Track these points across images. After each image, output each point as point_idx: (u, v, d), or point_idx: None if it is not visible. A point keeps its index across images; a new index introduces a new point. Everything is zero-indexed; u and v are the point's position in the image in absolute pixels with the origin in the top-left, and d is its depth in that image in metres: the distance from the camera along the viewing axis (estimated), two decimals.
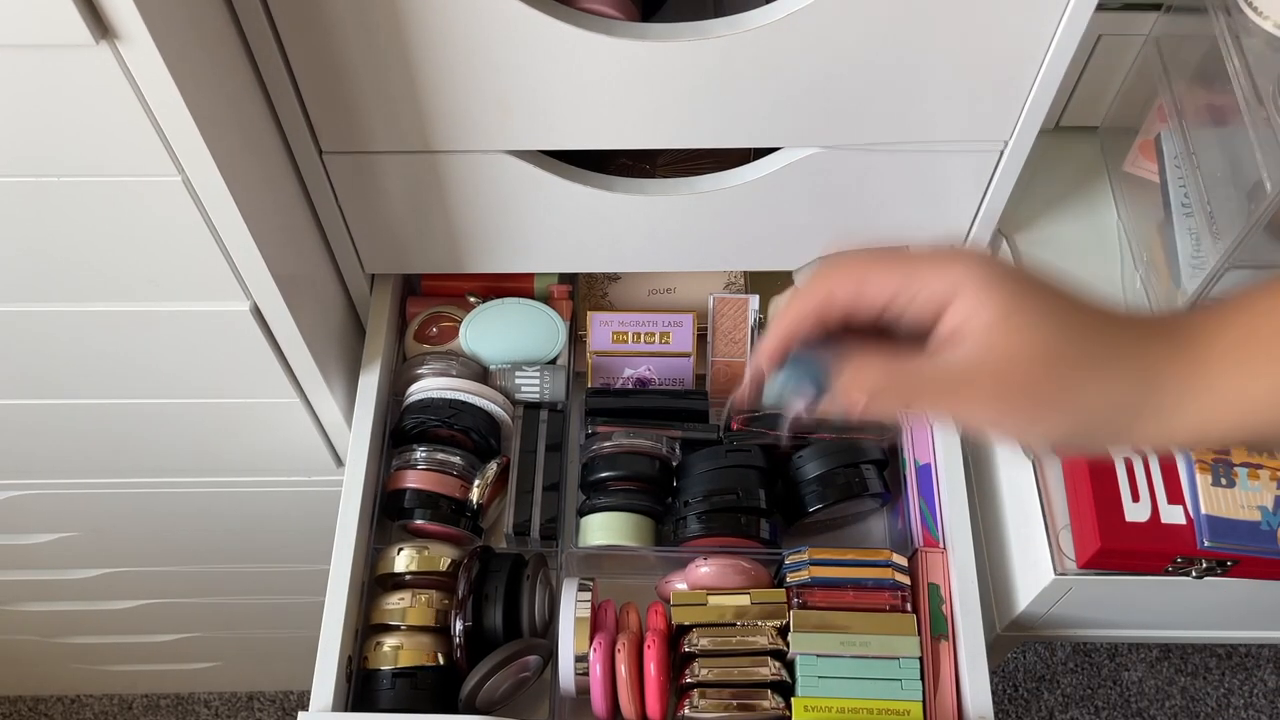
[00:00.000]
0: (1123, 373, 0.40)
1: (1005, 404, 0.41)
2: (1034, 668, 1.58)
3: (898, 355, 0.42)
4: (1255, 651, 1.58)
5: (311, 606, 0.74)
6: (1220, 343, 0.40)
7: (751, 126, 0.68)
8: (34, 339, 0.72)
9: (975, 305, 0.40)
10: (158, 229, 0.61)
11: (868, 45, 0.63)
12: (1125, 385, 0.40)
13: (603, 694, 0.71)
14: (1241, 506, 0.73)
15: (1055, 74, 0.65)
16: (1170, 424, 0.41)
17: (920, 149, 0.71)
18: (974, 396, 0.41)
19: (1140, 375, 0.40)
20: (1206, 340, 0.41)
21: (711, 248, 0.80)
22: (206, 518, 1.01)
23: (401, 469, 0.79)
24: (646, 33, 0.62)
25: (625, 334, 0.86)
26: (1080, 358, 0.40)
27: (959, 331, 0.41)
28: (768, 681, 0.72)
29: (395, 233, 0.77)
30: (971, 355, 0.41)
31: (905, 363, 0.42)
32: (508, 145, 0.69)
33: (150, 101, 0.52)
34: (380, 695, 0.72)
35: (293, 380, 0.77)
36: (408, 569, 0.75)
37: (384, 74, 0.63)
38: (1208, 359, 0.40)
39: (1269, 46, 0.71)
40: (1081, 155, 0.93)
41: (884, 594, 0.74)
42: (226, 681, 1.55)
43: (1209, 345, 0.40)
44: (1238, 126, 0.71)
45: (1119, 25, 0.84)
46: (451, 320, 0.87)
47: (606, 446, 0.80)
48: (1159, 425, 0.41)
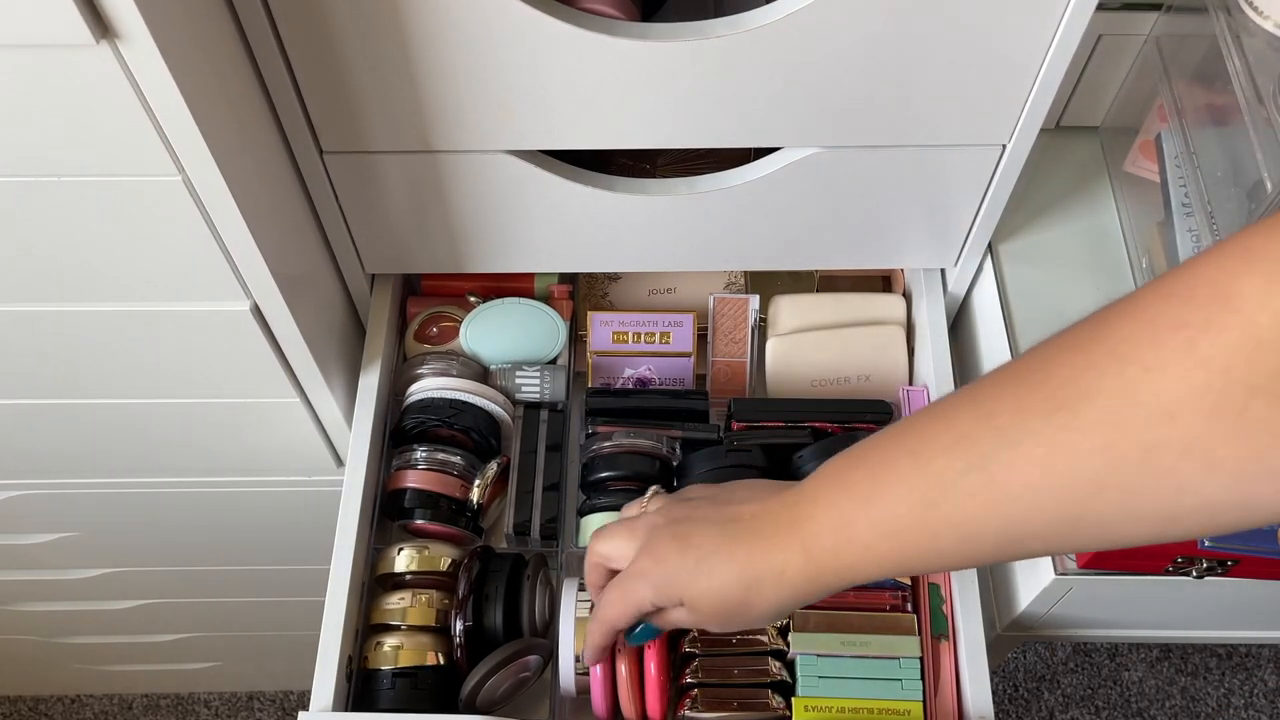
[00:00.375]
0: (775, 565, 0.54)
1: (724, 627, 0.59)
2: (1034, 668, 1.58)
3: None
4: (1255, 651, 1.58)
5: (311, 606, 0.74)
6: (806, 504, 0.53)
7: (751, 126, 0.68)
8: (34, 339, 0.72)
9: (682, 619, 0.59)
10: (158, 229, 0.61)
11: (868, 45, 0.63)
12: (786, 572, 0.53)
13: (603, 694, 0.71)
14: None
15: (1055, 74, 0.65)
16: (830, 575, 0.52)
17: (920, 149, 0.71)
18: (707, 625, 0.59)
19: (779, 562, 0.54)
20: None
21: (711, 248, 0.80)
22: (206, 518, 1.01)
23: (401, 469, 0.79)
24: (646, 33, 0.62)
25: (625, 334, 0.86)
26: (748, 595, 0.55)
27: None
28: (768, 682, 0.72)
29: (395, 233, 0.77)
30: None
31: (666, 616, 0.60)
32: (508, 145, 0.70)
33: (150, 101, 0.52)
34: (380, 695, 0.72)
35: (293, 380, 0.77)
36: (408, 569, 0.75)
37: (384, 74, 0.64)
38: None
39: (1269, 46, 0.71)
40: (1081, 155, 0.93)
41: (884, 594, 0.75)
42: (226, 681, 1.55)
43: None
44: (1238, 126, 0.71)
45: (1119, 25, 0.84)
46: (451, 320, 0.87)
47: (606, 446, 0.80)
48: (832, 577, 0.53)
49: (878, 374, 0.86)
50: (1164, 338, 0.40)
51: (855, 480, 0.50)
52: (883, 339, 0.86)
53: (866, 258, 0.83)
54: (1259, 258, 0.38)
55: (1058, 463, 0.43)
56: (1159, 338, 0.40)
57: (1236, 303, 0.38)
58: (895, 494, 0.48)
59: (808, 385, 0.86)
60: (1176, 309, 0.40)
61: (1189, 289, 0.40)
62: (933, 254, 0.83)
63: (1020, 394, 0.44)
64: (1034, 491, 0.44)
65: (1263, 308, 0.37)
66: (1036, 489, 0.43)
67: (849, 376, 0.86)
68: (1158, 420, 0.40)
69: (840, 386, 0.86)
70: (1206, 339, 0.38)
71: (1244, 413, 0.38)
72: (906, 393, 0.84)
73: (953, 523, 0.46)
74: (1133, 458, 0.41)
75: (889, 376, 0.86)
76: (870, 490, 0.49)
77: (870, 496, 0.49)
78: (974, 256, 0.84)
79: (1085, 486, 0.42)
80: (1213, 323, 0.38)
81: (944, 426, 0.47)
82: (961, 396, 0.47)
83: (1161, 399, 0.40)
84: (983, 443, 0.45)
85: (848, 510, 0.50)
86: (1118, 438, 0.41)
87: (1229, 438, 0.39)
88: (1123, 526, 0.43)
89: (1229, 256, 0.39)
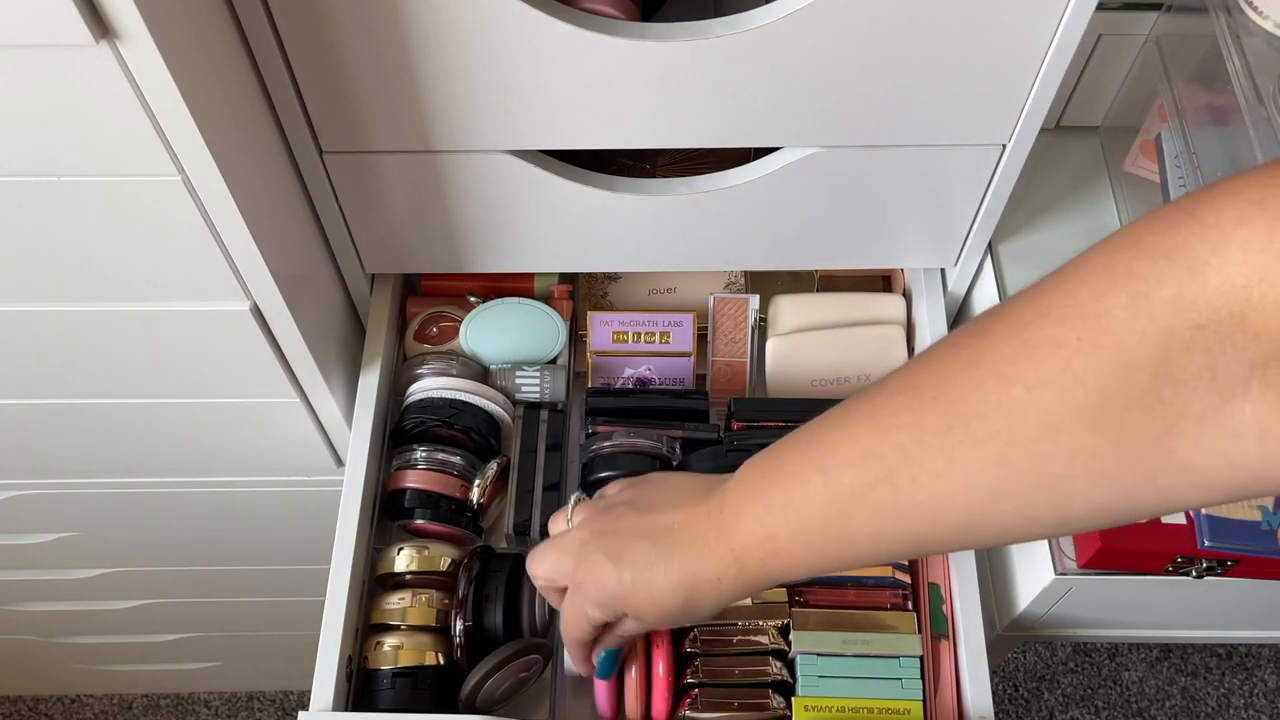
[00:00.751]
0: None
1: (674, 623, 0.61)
2: (1034, 668, 1.58)
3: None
4: (1255, 651, 1.58)
5: (311, 606, 0.74)
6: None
7: (751, 126, 0.68)
8: (34, 339, 0.72)
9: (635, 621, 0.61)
10: (157, 229, 0.61)
11: (868, 45, 0.63)
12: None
13: (606, 693, 0.71)
14: (1242, 506, 0.73)
15: (1055, 74, 0.65)
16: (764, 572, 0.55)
17: (920, 149, 0.71)
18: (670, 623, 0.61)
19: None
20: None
21: (711, 248, 0.80)
22: (206, 518, 1.01)
23: (401, 469, 0.79)
24: (646, 33, 0.62)
25: (625, 334, 0.86)
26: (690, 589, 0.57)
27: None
28: (769, 681, 0.72)
29: (395, 232, 0.77)
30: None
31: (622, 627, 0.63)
32: (508, 145, 0.69)
33: (150, 101, 0.52)
34: (380, 695, 0.72)
35: (293, 380, 0.77)
36: (408, 569, 0.75)
37: (384, 74, 0.64)
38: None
39: (1269, 46, 0.71)
40: (1081, 155, 0.93)
41: (885, 592, 0.75)
42: (226, 681, 1.55)
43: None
44: (1238, 126, 0.71)
45: (1119, 25, 0.84)
46: (451, 320, 0.87)
47: (606, 446, 0.80)
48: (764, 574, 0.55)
49: (878, 374, 0.86)
50: (1042, 358, 0.42)
51: (773, 496, 0.53)
52: (883, 339, 0.86)
53: (866, 258, 0.83)
54: (1122, 276, 0.40)
55: (956, 476, 0.45)
56: (1037, 358, 0.42)
57: (1105, 323, 0.40)
58: (812, 509, 0.51)
59: (808, 385, 0.86)
60: (1050, 328, 0.42)
61: (1061, 309, 0.42)
62: (933, 254, 0.83)
63: (915, 410, 0.47)
64: (937, 501, 0.46)
65: (1129, 329, 0.40)
66: (939, 499, 0.46)
67: (849, 376, 0.86)
68: (1044, 434, 0.42)
69: (840, 386, 0.86)
70: (1080, 360, 0.41)
71: (1121, 423, 0.41)
72: None
73: (865, 532, 0.50)
74: (1024, 469, 0.44)
75: None
76: (787, 505, 0.52)
77: (789, 511, 0.52)
78: (974, 256, 0.84)
79: (984, 496, 0.45)
80: (1085, 342, 0.41)
81: (847, 438, 0.50)
82: (861, 408, 0.50)
83: (1046, 415, 0.42)
84: (887, 459, 0.47)
85: (769, 525, 0.53)
86: (1010, 452, 0.44)
87: (1110, 447, 0.41)
88: (1021, 529, 0.47)
89: (1094, 274, 0.42)
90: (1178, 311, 0.39)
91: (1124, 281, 0.40)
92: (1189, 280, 0.38)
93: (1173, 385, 0.39)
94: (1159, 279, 0.39)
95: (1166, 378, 0.39)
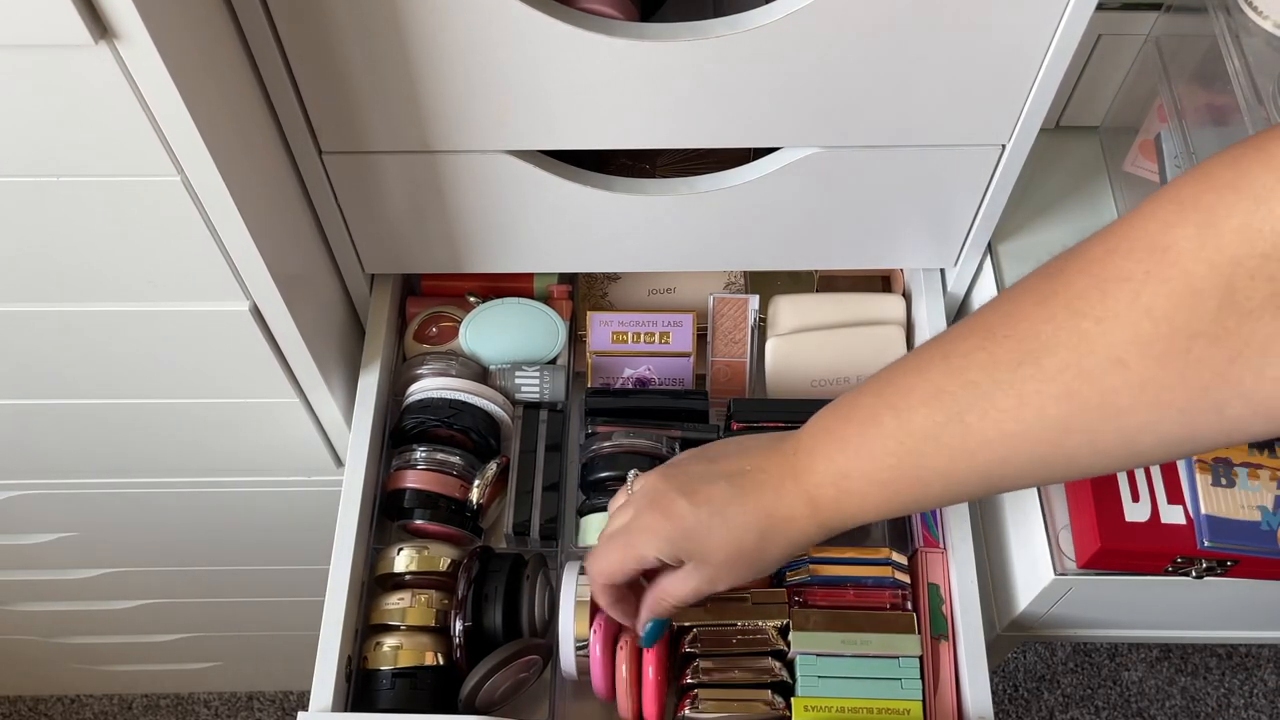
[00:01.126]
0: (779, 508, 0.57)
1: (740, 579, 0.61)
2: (1034, 668, 1.58)
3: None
4: (1255, 651, 1.58)
5: (311, 606, 0.74)
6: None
7: (751, 126, 0.68)
8: (34, 339, 0.72)
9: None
10: (157, 229, 0.61)
11: (868, 45, 0.63)
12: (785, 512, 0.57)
13: (603, 673, 0.71)
14: (1241, 506, 0.73)
15: (1055, 74, 0.65)
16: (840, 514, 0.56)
17: (920, 149, 0.71)
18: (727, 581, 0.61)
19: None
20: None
21: (711, 248, 0.80)
22: (206, 518, 1.01)
23: (401, 469, 0.79)
24: (646, 33, 0.62)
25: (625, 334, 0.86)
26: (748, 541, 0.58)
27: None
28: (768, 682, 0.72)
29: (395, 233, 0.77)
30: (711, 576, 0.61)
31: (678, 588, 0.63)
32: (507, 145, 0.69)
33: (149, 101, 0.52)
34: (380, 695, 0.72)
35: (292, 380, 0.77)
36: (407, 569, 0.75)
37: (383, 74, 0.63)
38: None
39: (1269, 46, 0.71)
40: (1081, 155, 0.93)
41: (884, 592, 0.75)
42: (226, 681, 1.55)
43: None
44: (1238, 126, 0.71)
45: (1119, 25, 0.84)
46: (451, 320, 0.87)
47: (606, 446, 0.80)
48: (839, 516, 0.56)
49: None
50: (1111, 291, 0.43)
51: (847, 435, 0.54)
52: (882, 339, 0.86)
53: (866, 258, 0.83)
54: (1189, 209, 0.41)
55: (1027, 411, 0.46)
56: (1106, 291, 0.43)
57: (1173, 255, 0.41)
58: (884, 447, 0.52)
59: (807, 385, 0.86)
60: (1119, 262, 0.43)
61: (1130, 243, 0.43)
62: (932, 254, 0.83)
63: (988, 348, 0.47)
64: (1007, 438, 0.47)
65: (1196, 259, 0.40)
66: (1009, 435, 0.47)
67: (849, 376, 0.86)
68: (1112, 367, 0.43)
69: (840, 387, 0.86)
70: (1149, 290, 0.42)
71: (1188, 354, 0.41)
72: None
73: (938, 469, 0.50)
74: (1093, 402, 0.44)
75: None
76: (861, 445, 0.53)
77: (862, 450, 0.53)
78: (973, 256, 0.84)
79: (1053, 430, 0.46)
80: (1153, 275, 0.42)
81: (920, 380, 0.50)
82: (933, 350, 0.51)
83: (1114, 348, 0.43)
84: (958, 397, 0.48)
85: (843, 464, 0.54)
86: (1079, 385, 0.44)
87: (1176, 378, 0.42)
88: (1090, 461, 0.47)
89: (1163, 208, 0.42)
90: (1244, 241, 0.39)
91: (1191, 213, 0.41)
92: (1255, 210, 0.39)
93: (1238, 315, 0.40)
94: (1226, 209, 0.40)
95: (1232, 307, 0.40)
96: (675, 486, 0.59)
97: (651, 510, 0.60)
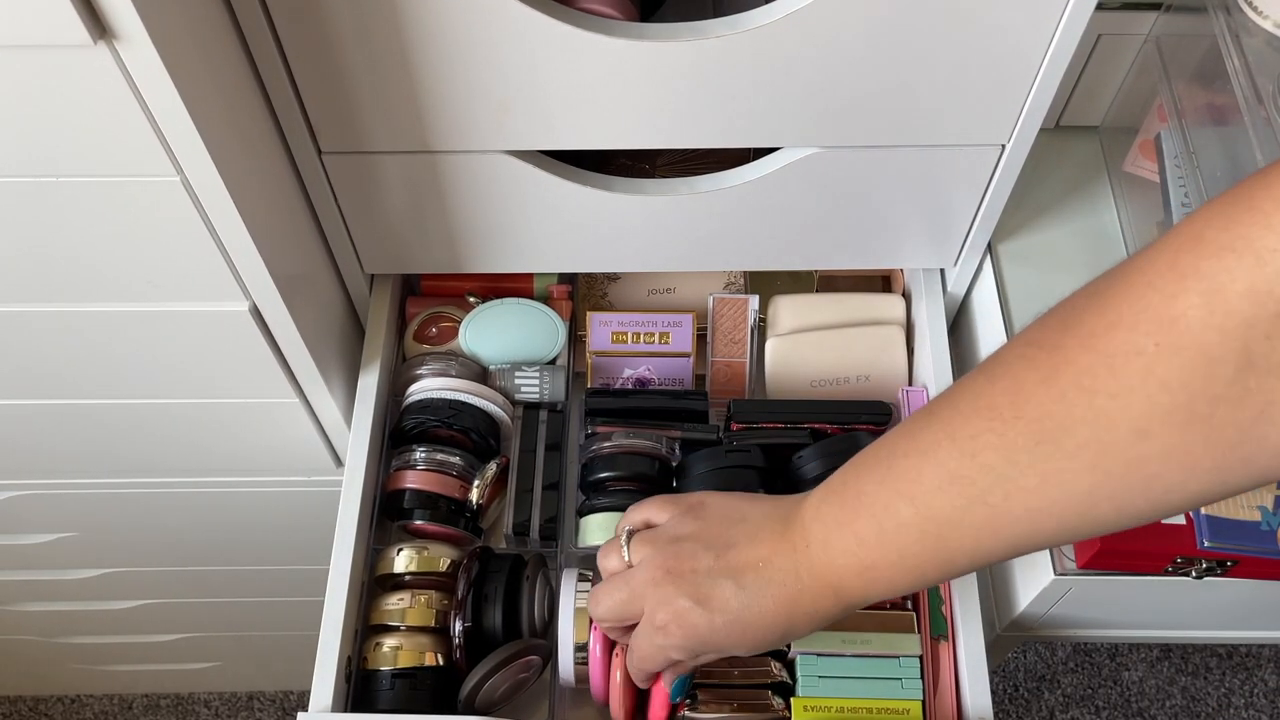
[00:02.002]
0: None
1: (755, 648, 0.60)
2: (1034, 668, 1.58)
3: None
4: (1256, 651, 1.58)
5: (311, 606, 0.74)
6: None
7: (751, 126, 0.68)
8: (33, 339, 0.72)
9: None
10: (156, 229, 0.61)
11: (867, 45, 0.63)
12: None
13: (602, 675, 0.71)
14: (1241, 506, 0.73)
15: (1055, 74, 0.65)
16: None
17: (919, 149, 0.71)
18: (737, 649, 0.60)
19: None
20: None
21: (711, 248, 0.80)
22: (206, 518, 1.01)
23: (401, 469, 0.79)
24: (645, 33, 0.62)
25: (625, 334, 0.86)
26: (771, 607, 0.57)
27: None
28: (768, 682, 0.72)
29: (395, 233, 0.77)
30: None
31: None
32: (507, 145, 0.69)
33: (148, 102, 0.52)
34: (379, 696, 0.72)
35: (292, 380, 0.77)
36: (407, 569, 0.75)
37: (383, 74, 0.63)
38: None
39: (1269, 46, 0.71)
40: (1081, 155, 0.93)
41: None
42: (226, 681, 1.55)
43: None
44: (1238, 126, 0.71)
45: (1119, 25, 0.84)
46: (451, 320, 0.87)
47: (606, 447, 0.80)
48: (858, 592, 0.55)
49: (877, 374, 0.86)
50: (1120, 366, 0.42)
51: (863, 532, 0.53)
52: (882, 339, 0.86)
53: (866, 258, 0.83)
54: (1190, 277, 0.40)
55: (1051, 489, 0.46)
56: (1115, 367, 0.42)
57: (1182, 326, 0.40)
58: (908, 538, 0.51)
59: (807, 386, 0.86)
60: (1125, 336, 0.42)
61: (1134, 315, 0.42)
62: (932, 254, 0.83)
63: (998, 430, 0.47)
64: (1034, 513, 0.47)
65: (1207, 327, 0.40)
66: (1035, 511, 0.47)
67: (848, 377, 0.86)
68: (1135, 439, 0.43)
69: (840, 387, 0.86)
70: (1161, 364, 0.41)
71: (1211, 419, 0.41)
72: (906, 393, 0.84)
73: (965, 549, 0.50)
74: (1118, 473, 0.44)
75: (888, 377, 0.86)
76: (881, 539, 0.52)
77: (883, 545, 0.52)
78: (973, 257, 0.84)
79: (1080, 502, 0.46)
80: (1164, 347, 0.41)
81: (929, 464, 0.50)
82: (936, 431, 0.50)
83: (1135, 421, 0.42)
84: (977, 481, 0.48)
85: (865, 558, 0.53)
86: (1102, 459, 0.44)
87: (1201, 442, 0.41)
88: (1117, 521, 0.47)
89: (1161, 277, 0.41)
90: (1254, 304, 0.39)
91: (1194, 281, 0.40)
92: (1259, 271, 0.38)
93: (1257, 375, 0.39)
94: (1229, 274, 0.39)
95: (1250, 369, 0.39)
96: (683, 589, 0.58)
97: (664, 611, 0.59)
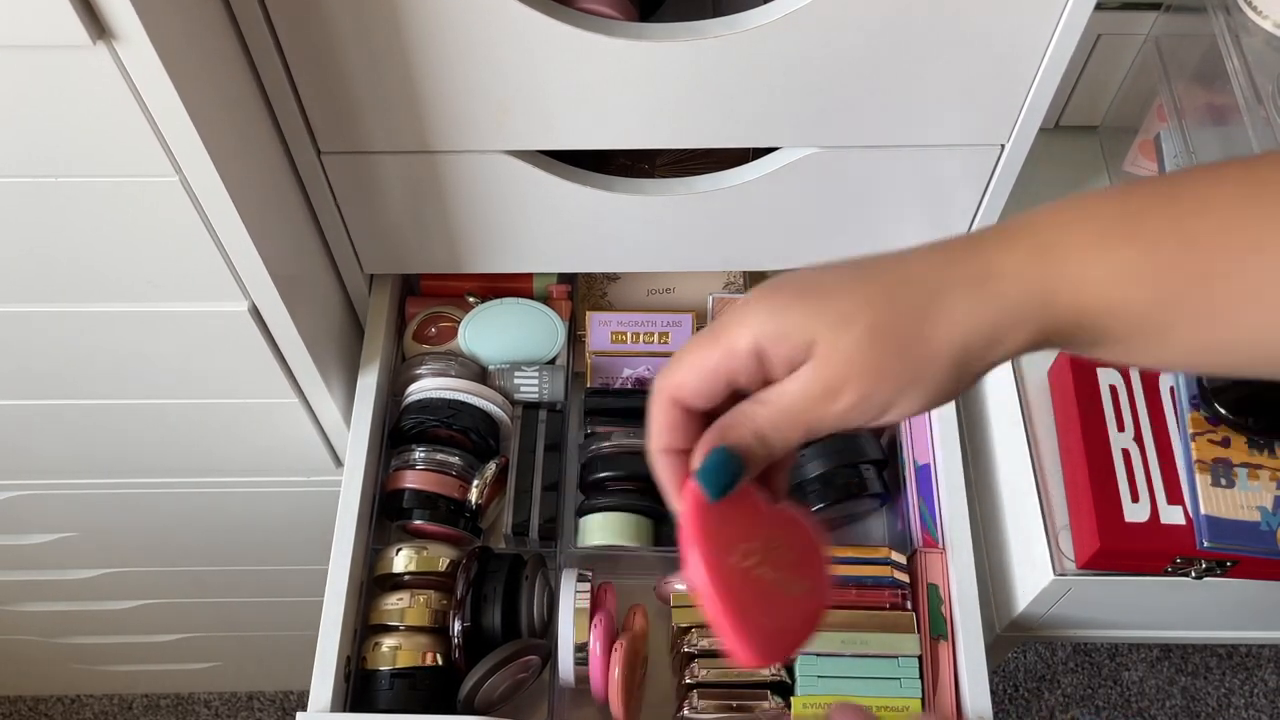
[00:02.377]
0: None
1: (885, 382, 0.41)
2: (1034, 668, 1.58)
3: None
4: (1256, 651, 1.58)
5: (311, 606, 0.74)
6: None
7: (750, 126, 0.68)
8: (33, 339, 0.72)
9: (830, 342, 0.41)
10: (156, 229, 0.61)
11: (867, 45, 0.63)
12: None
13: (602, 673, 0.71)
14: (1241, 507, 0.73)
15: (1054, 74, 0.65)
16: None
17: (920, 149, 0.71)
18: (853, 393, 0.41)
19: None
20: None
21: (710, 248, 0.80)
22: (206, 518, 1.01)
23: (400, 469, 0.79)
24: (645, 33, 0.62)
25: (624, 334, 0.86)
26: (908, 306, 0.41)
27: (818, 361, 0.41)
28: (767, 682, 0.72)
29: (394, 233, 0.77)
30: (831, 369, 0.41)
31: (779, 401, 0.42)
32: (506, 145, 0.69)
33: (148, 102, 0.52)
34: (379, 696, 0.72)
35: (291, 380, 0.77)
36: (406, 569, 0.75)
37: (382, 74, 0.63)
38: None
39: (1269, 46, 0.71)
40: (1081, 155, 0.93)
41: (884, 592, 0.75)
42: (226, 681, 1.55)
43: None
44: (1237, 126, 0.71)
45: (1119, 25, 0.84)
46: (450, 320, 0.87)
47: (605, 447, 0.80)
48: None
49: None
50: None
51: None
52: None
53: None
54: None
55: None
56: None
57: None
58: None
59: None
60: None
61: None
62: None
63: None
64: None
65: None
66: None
67: None
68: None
69: None
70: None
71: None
72: None
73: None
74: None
75: None
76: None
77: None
78: None
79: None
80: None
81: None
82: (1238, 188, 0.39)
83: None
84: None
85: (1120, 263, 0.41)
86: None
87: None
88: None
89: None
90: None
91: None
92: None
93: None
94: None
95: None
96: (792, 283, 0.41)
97: (757, 300, 0.41)
